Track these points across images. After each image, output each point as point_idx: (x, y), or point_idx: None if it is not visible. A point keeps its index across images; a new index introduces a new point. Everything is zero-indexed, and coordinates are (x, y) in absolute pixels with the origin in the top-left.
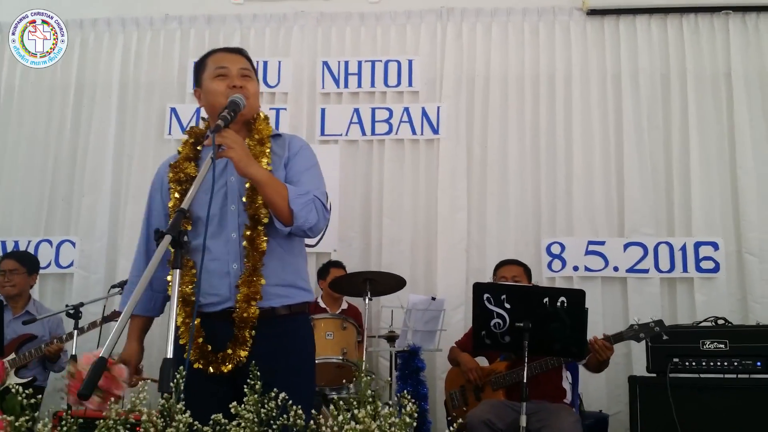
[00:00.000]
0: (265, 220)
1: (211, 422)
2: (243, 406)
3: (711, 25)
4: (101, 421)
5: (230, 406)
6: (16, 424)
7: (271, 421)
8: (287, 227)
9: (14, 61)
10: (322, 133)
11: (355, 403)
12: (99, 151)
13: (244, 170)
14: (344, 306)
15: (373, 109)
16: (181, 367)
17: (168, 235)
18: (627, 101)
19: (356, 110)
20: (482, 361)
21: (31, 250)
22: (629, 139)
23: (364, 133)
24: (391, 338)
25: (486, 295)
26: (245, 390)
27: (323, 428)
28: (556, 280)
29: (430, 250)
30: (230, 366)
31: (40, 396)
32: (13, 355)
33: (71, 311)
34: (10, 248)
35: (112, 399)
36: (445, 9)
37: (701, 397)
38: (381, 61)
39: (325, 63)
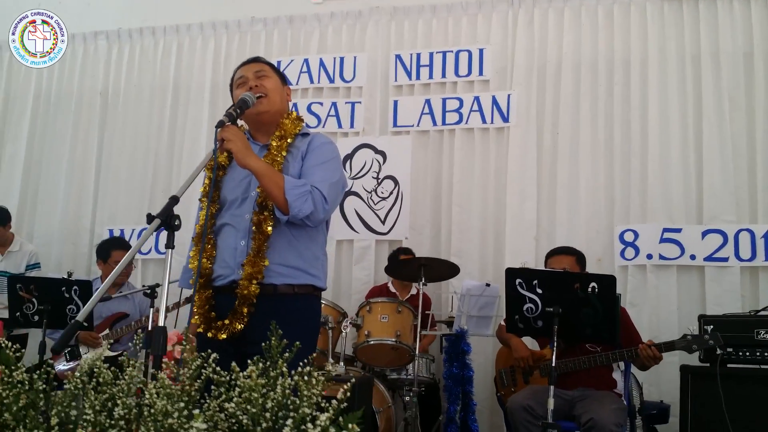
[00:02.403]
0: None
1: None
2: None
3: None
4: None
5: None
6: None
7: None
8: (285, 216)
9: (119, 67)
10: (395, 125)
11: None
12: (194, 146)
13: (242, 161)
14: (413, 292)
15: (444, 100)
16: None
17: (156, 219)
18: (707, 83)
19: (427, 101)
20: (529, 342)
21: (135, 237)
22: (709, 122)
23: (435, 124)
24: (450, 323)
25: (518, 281)
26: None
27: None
28: (628, 268)
29: (499, 238)
30: (225, 335)
31: None
32: (107, 331)
33: (147, 291)
34: (116, 235)
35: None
36: None
37: (754, 389)
38: (452, 51)
39: (398, 56)
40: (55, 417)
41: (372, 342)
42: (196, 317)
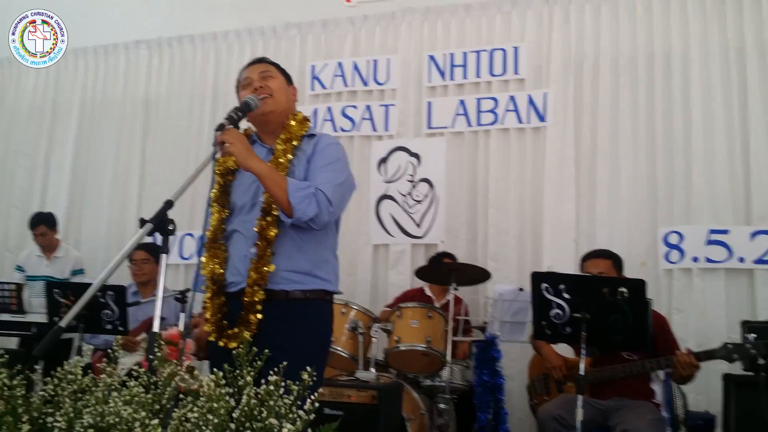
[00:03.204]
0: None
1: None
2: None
3: None
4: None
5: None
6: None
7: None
8: (289, 219)
9: (160, 75)
10: (429, 126)
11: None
12: None
13: (244, 164)
14: (450, 297)
15: (479, 100)
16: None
17: (148, 224)
18: (753, 76)
19: (462, 102)
20: (565, 348)
21: (176, 242)
22: (756, 118)
23: (469, 124)
24: (484, 329)
25: (544, 285)
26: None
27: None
28: (673, 272)
29: (537, 240)
30: (234, 344)
31: None
32: (144, 335)
33: (178, 296)
34: (159, 240)
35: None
36: None
37: None
38: (486, 50)
39: (432, 57)
40: (27, 423)
41: (402, 348)
42: (209, 324)
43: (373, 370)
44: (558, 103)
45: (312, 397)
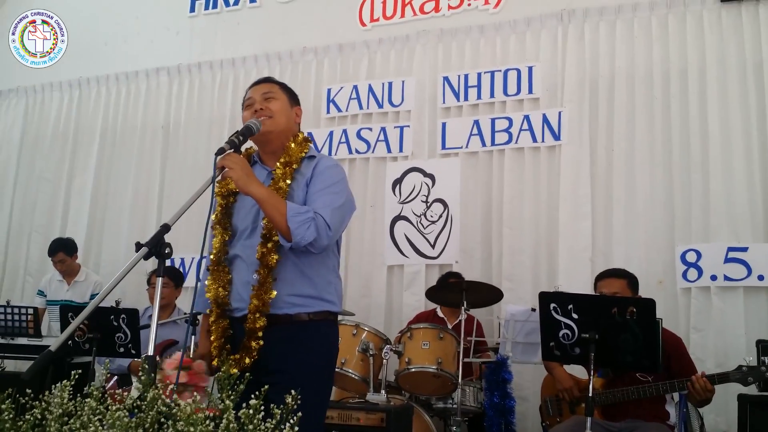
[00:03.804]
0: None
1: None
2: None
3: None
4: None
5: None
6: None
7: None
8: (288, 243)
9: (179, 101)
10: (443, 147)
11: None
12: None
13: (243, 189)
14: (463, 317)
15: (493, 120)
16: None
17: (144, 248)
18: None
19: (476, 122)
20: (580, 369)
21: (193, 266)
22: None
23: (484, 144)
24: (496, 350)
25: (552, 305)
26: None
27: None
28: (691, 290)
29: (552, 260)
30: (236, 369)
31: None
32: (157, 358)
33: (188, 319)
34: (177, 264)
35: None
36: (567, 11)
37: None
38: (500, 70)
39: (446, 78)
40: None
41: (413, 369)
42: (214, 347)
43: (383, 392)
44: (573, 121)
45: (294, 419)
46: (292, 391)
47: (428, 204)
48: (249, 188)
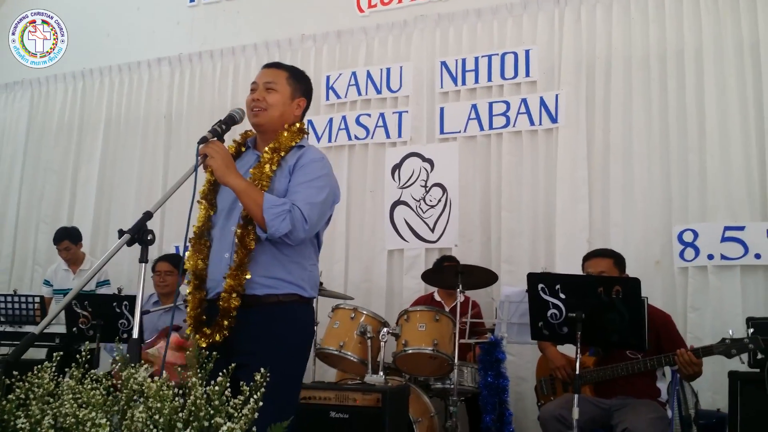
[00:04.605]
0: None
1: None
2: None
3: None
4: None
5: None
6: None
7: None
8: (264, 234)
9: (181, 90)
10: (442, 132)
11: None
12: None
13: (221, 179)
14: (461, 300)
15: (491, 104)
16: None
17: (126, 234)
18: None
19: (474, 106)
20: (571, 350)
21: None
22: None
23: (482, 128)
24: (492, 331)
25: (540, 286)
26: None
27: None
28: (689, 270)
29: (550, 242)
30: (204, 343)
31: None
32: (162, 342)
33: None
34: (181, 252)
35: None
36: None
37: None
38: (498, 54)
39: (443, 63)
40: None
41: (409, 351)
42: (189, 317)
43: (381, 373)
44: (570, 104)
45: (256, 397)
46: (261, 370)
47: (427, 188)
48: (227, 179)
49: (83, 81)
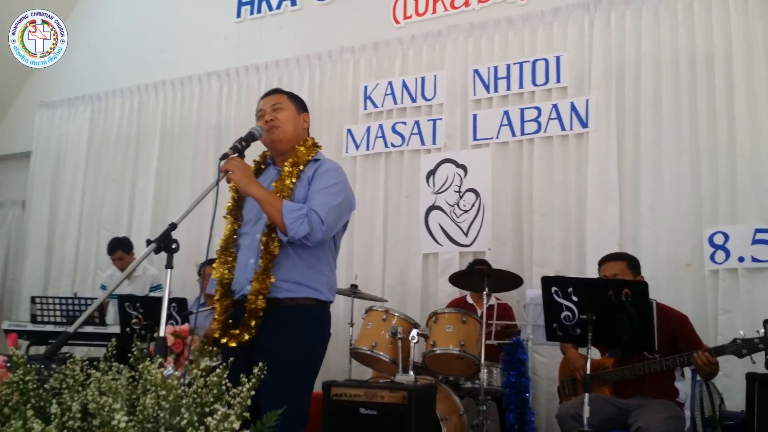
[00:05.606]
0: None
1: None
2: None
3: None
4: None
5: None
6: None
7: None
8: (285, 237)
9: (229, 102)
10: (475, 138)
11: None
12: None
13: (244, 190)
14: (492, 302)
15: (522, 110)
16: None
17: (153, 243)
18: None
19: (506, 112)
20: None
21: None
22: None
23: (513, 134)
24: (520, 333)
25: (554, 288)
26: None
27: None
28: (719, 272)
29: (581, 245)
30: (234, 343)
31: None
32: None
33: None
34: None
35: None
36: (593, 0)
37: None
38: (529, 61)
39: (476, 71)
40: (32, 410)
41: (438, 351)
42: (216, 323)
43: (411, 372)
44: (600, 108)
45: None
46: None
47: (461, 194)
48: (249, 189)
49: (139, 96)
